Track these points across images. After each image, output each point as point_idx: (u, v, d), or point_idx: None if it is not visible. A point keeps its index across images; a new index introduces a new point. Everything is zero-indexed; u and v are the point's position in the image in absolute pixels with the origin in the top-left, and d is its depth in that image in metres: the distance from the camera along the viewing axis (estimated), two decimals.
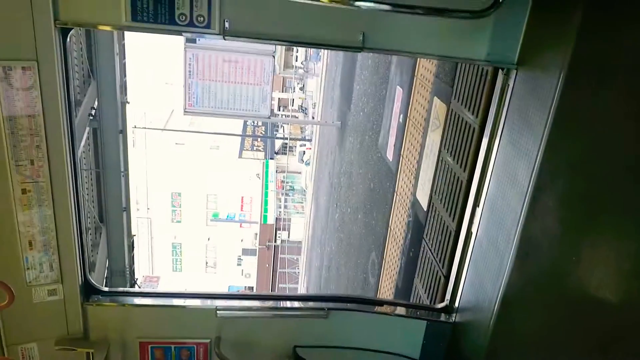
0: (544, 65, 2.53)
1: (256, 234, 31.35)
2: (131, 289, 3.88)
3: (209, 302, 3.20)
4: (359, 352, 3.37)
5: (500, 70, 2.86)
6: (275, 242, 29.11)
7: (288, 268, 28.40)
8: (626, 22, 2.06)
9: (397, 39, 2.72)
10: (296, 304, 3.43)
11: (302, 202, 29.82)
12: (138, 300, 3.21)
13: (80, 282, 2.92)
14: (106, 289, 3.12)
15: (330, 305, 3.28)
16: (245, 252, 33.75)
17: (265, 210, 28.64)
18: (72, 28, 2.49)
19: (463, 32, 2.72)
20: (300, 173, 30.25)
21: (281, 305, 3.40)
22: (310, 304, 3.39)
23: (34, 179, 2.59)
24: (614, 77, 2.09)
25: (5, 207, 2.56)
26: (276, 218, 28.98)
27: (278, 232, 29.19)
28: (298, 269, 26.13)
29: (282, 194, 30.67)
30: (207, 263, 34.89)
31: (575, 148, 2.29)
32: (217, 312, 3.10)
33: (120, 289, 3.24)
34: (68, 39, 2.51)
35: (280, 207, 30.15)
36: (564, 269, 2.27)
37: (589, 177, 2.19)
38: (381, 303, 3.50)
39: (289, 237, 29.29)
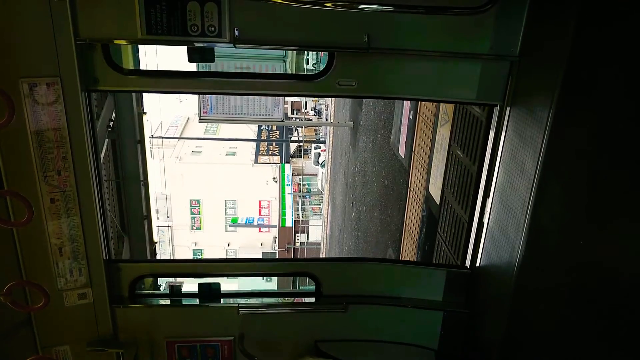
0: (546, 54, 2.56)
1: (275, 237, 31.41)
2: (156, 291, 3.98)
3: (231, 301, 3.28)
4: (378, 345, 3.40)
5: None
6: (294, 244, 29.16)
7: None
8: (624, 9, 2.09)
9: (401, 38, 2.76)
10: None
11: (319, 204, 29.85)
12: (163, 302, 3.29)
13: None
14: None
15: (349, 299, 3.33)
16: (265, 255, 33.80)
17: (284, 214, 28.70)
18: (92, 44, 2.60)
19: (465, 28, 2.76)
20: (316, 175, 30.32)
21: (301, 301, 3.47)
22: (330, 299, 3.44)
23: (62, 189, 2.70)
24: (615, 63, 2.12)
25: (36, 216, 2.63)
26: (294, 221, 29.03)
27: (297, 234, 29.25)
28: None
29: (299, 197, 30.73)
30: None
31: (579, 135, 2.32)
32: (239, 310, 3.17)
33: (146, 291, 3.34)
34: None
35: (298, 210, 30.21)
36: (573, 253, 2.30)
37: (593, 163, 2.21)
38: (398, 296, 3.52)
39: (307, 238, 29.31)
